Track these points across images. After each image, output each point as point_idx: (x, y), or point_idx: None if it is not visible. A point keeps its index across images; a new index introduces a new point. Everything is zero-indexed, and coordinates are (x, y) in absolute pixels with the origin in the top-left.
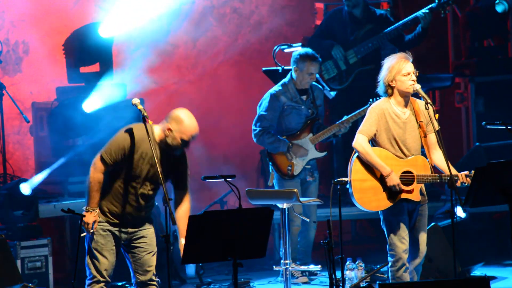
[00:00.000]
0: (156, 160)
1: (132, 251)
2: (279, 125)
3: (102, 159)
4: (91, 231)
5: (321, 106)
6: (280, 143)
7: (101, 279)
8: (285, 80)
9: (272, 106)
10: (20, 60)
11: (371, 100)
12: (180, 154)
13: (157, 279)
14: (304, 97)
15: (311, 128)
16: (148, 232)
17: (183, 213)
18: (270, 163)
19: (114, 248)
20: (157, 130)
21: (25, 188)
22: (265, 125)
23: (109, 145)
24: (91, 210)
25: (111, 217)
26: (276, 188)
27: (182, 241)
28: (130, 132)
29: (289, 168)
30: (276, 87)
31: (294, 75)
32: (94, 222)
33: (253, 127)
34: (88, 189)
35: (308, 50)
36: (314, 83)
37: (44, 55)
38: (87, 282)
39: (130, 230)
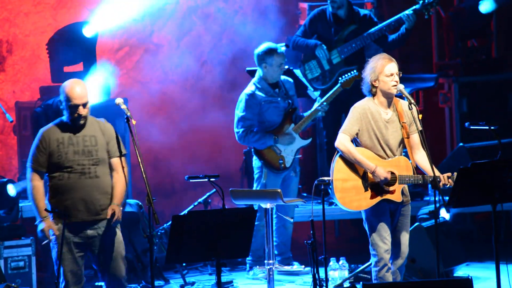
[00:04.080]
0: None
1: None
2: (260, 123)
3: (32, 170)
4: (51, 237)
5: (294, 96)
6: (265, 137)
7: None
8: (255, 80)
9: (249, 105)
10: (4, 59)
11: (340, 78)
12: (97, 125)
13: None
14: (277, 90)
15: (291, 118)
16: (110, 233)
17: (119, 178)
18: (262, 161)
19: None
20: (63, 118)
21: (12, 189)
22: (247, 125)
23: (30, 154)
24: (43, 218)
25: (66, 214)
26: (266, 183)
27: (114, 202)
28: (38, 133)
29: (281, 161)
30: (250, 87)
31: (263, 72)
32: (50, 229)
33: (236, 130)
34: (33, 200)
35: (269, 44)
36: (283, 77)
37: (27, 55)
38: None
39: (88, 229)
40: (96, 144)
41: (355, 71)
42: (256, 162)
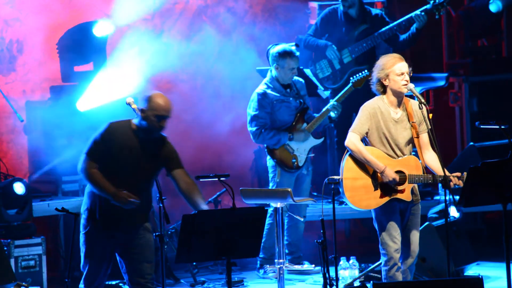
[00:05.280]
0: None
1: (126, 257)
2: (273, 122)
3: (87, 157)
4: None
5: (305, 96)
6: (280, 135)
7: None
8: (267, 79)
9: (261, 104)
10: (14, 59)
11: (352, 78)
12: (159, 139)
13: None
14: (288, 90)
15: (303, 118)
16: (144, 239)
17: (193, 186)
18: (275, 160)
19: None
20: (133, 121)
21: (19, 188)
22: (260, 123)
23: (90, 142)
24: (114, 192)
25: (102, 217)
26: (279, 182)
27: (204, 206)
28: (106, 124)
29: (294, 160)
30: (261, 86)
31: (275, 73)
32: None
33: (249, 129)
34: (95, 182)
35: (285, 46)
36: (294, 77)
37: (38, 54)
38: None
39: (123, 233)
40: (149, 162)
41: (366, 71)
42: (270, 161)
